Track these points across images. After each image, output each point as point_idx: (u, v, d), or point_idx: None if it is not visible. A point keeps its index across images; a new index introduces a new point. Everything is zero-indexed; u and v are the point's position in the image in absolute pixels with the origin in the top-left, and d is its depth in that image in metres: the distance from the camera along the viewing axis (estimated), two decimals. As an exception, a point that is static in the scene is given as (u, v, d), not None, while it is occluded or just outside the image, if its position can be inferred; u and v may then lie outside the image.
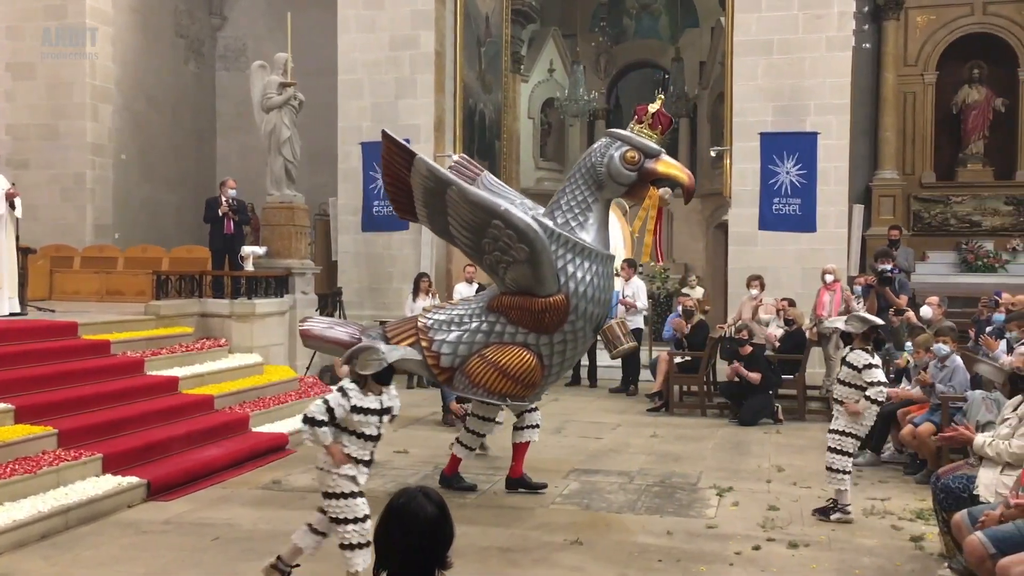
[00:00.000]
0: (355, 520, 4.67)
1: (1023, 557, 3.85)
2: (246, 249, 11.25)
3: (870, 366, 6.20)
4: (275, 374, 9.95)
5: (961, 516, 4.54)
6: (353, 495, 4.69)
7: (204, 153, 18.82)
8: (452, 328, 6.66)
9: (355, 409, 4.69)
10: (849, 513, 6.26)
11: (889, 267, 10.53)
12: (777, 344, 10.89)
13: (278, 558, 4.93)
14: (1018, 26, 16.27)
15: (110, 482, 6.52)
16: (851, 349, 6.38)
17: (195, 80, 18.60)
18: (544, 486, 7.05)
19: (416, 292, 12.32)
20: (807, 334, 11.09)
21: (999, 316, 9.64)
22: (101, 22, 15.33)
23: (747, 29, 13.24)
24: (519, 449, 7.06)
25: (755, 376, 10.05)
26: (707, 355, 11.01)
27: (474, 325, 6.63)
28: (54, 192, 15.19)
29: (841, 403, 6.30)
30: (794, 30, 13.10)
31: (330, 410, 4.64)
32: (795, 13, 13.10)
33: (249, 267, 10.97)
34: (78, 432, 6.95)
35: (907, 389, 8.17)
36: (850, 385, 6.26)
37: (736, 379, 10.22)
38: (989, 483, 4.82)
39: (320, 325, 7.30)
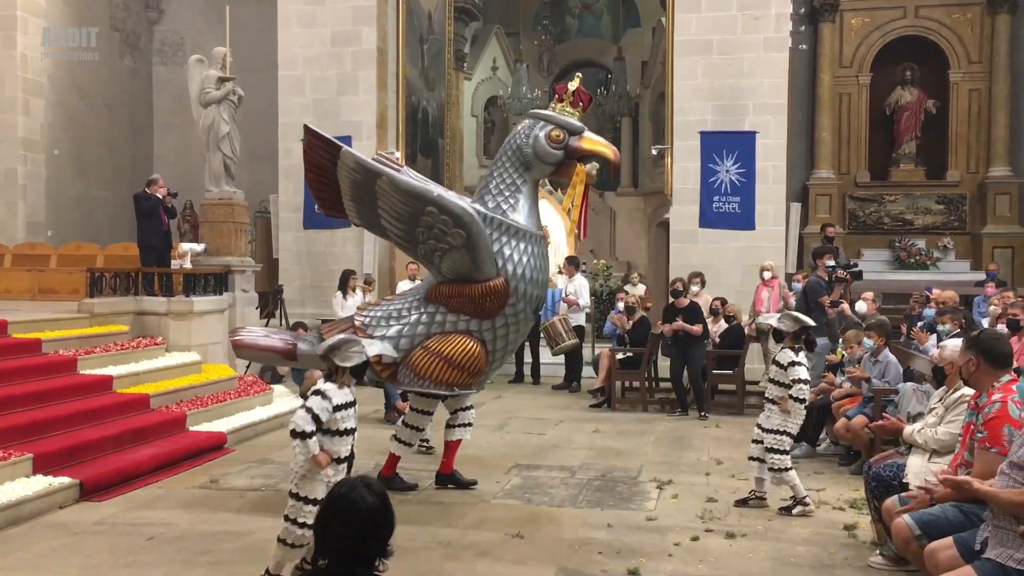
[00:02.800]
0: (299, 523, 4.64)
1: (950, 542, 3.93)
2: (184, 246, 11.07)
3: (794, 364, 6.32)
4: (213, 373, 9.79)
5: (892, 502, 4.64)
6: (316, 502, 4.61)
7: (140, 149, 18.48)
8: (391, 323, 6.56)
9: (337, 407, 4.65)
10: (808, 504, 6.31)
11: (833, 263, 10.71)
12: (718, 340, 11.05)
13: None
14: (948, 29, 16.76)
15: (41, 483, 6.34)
16: (782, 347, 6.49)
17: (131, 74, 18.27)
18: (475, 483, 7.01)
19: (344, 289, 12.18)
20: (746, 330, 11.27)
21: (929, 311, 9.92)
22: (33, 14, 14.95)
23: (687, 29, 13.42)
24: (450, 447, 7.03)
25: (697, 328, 10.23)
26: (648, 351, 11.11)
27: (413, 318, 6.54)
28: (-17, 188, 14.80)
29: (774, 401, 6.40)
30: (733, 31, 13.30)
31: (315, 417, 4.58)
32: (734, 14, 13.30)
33: (187, 264, 10.79)
34: (7, 432, 6.75)
35: (840, 384, 8.37)
36: (779, 383, 6.38)
37: (673, 333, 10.36)
38: (918, 471, 4.94)
39: (253, 334, 7.16)
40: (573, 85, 6.78)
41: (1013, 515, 3.59)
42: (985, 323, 8.94)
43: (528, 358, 12.76)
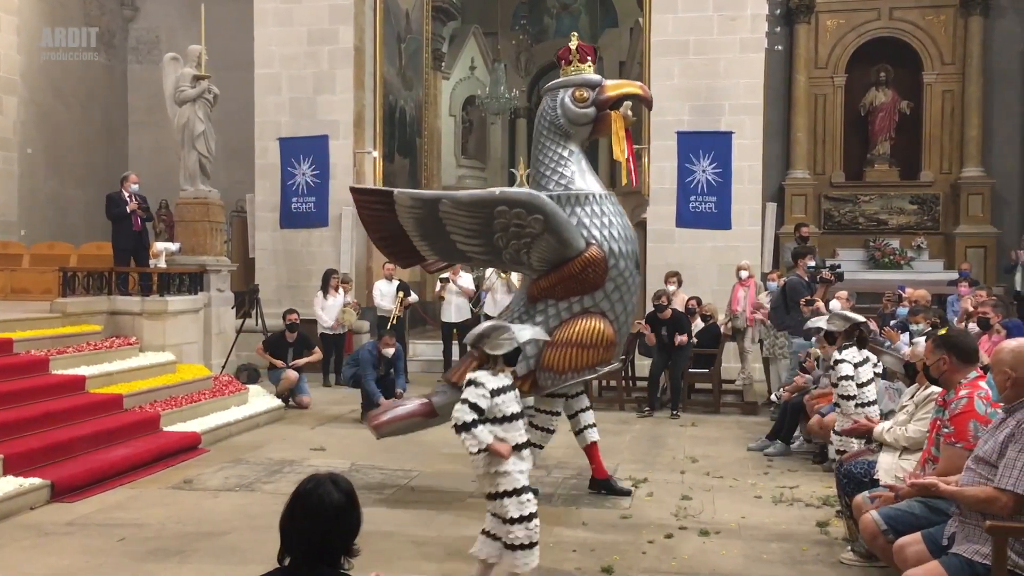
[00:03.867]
0: (522, 519, 4.43)
1: (917, 537, 3.98)
2: (159, 245, 10.98)
3: (838, 362, 6.33)
4: (188, 372, 9.73)
5: (862, 498, 4.68)
6: (521, 491, 4.47)
7: (115, 147, 18.33)
8: None
9: (494, 392, 4.48)
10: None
11: (813, 264, 10.76)
12: (694, 339, 11.10)
13: None
14: (922, 31, 16.92)
15: (11, 484, 6.28)
16: (837, 349, 6.49)
17: (106, 72, 18.09)
18: (629, 492, 6.89)
19: (326, 289, 12.17)
20: (722, 329, 11.33)
21: (902, 310, 10.01)
22: (5, 11, 14.79)
23: (664, 30, 13.46)
24: (590, 452, 6.95)
25: (682, 338, 10.30)
26: (625, 350, 11.12)
27: (528, 324, 6.37)
28: (-45, 187, 14.62)
29: (837, 405, 6.43)
30: (709, 31, 13.36)
31: (474, 407, 4.41)
32: (710, 15, 13.36)
33: (162, 264, 10.71)
34: (-23, 433, 6.69)
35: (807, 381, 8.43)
36: (835, 386, 6.41)
37: (657, 342, 10.42)
38: (888, 467, 4.99)
39: (390, 411, 6.95)
40: (573, 43, 6.77)
41: (979, 511, 3.63)
42: (953, 321, 9.03)
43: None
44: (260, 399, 10.24)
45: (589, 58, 6.78)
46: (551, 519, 6.16)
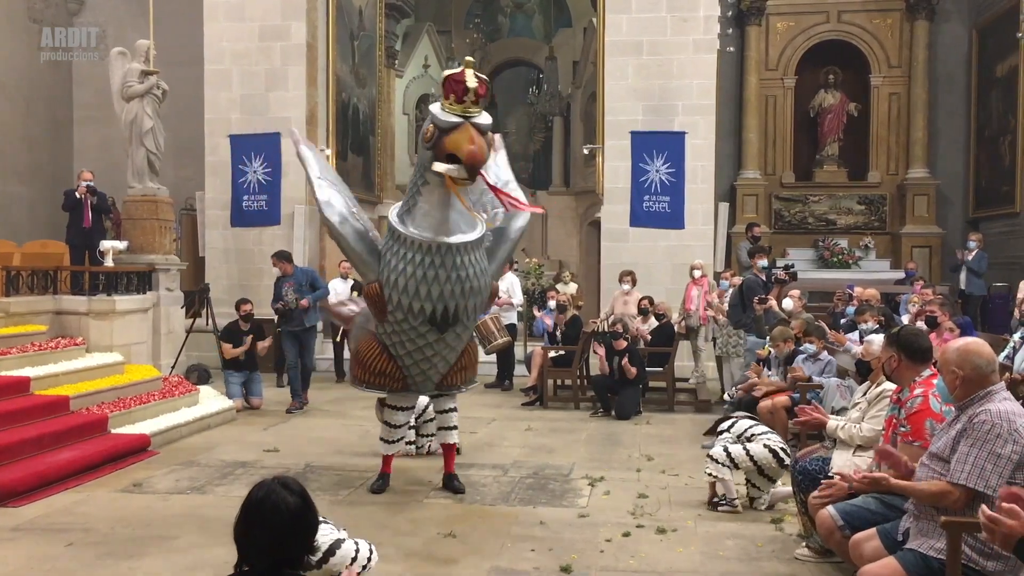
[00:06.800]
0: None
1: (873, 533, 4.03)
2: (106, 244, 10.75)
3: None
4: (136, 373, 9.54)
5: (816, 493, 4.73)
6: None
7: (60, 144, 17.91)
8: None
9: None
10: (736, 505, 6.37)
11: (765, 263, 10.90)
12: (648, 338, 11.16)
13: None
14: (869, 34, 17.23)
15: (-47, 489, 6.12)
16: None
17: (50, 67, 17.63)
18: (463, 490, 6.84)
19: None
20: (676, 327, 11.41)
21: (852, 309, 10.17)
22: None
23: (618, 30, 13.53)
24: (448, 451, 7.06)
25: (634, 370, 10.21)
26: (580, 349, 11.17)
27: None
28: None
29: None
30: (663, 32, 13.46)
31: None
32: (663, 15, 13.46)
33: (109, 262, 10.49)
34: (-84, 437, 6.49)
35: (771, 379, 8.51)
36: None
37: (609, 373, 10.30)
38: (843, 464, 5.04)
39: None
40: (472, 83, 5.77)
41: (932, 506, 3.68)
42: (905, 320, 9.19)
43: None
44: (211, 400, 10.07)
45: (454, 95, 5.72)
46: (508, 519, 6.15)
